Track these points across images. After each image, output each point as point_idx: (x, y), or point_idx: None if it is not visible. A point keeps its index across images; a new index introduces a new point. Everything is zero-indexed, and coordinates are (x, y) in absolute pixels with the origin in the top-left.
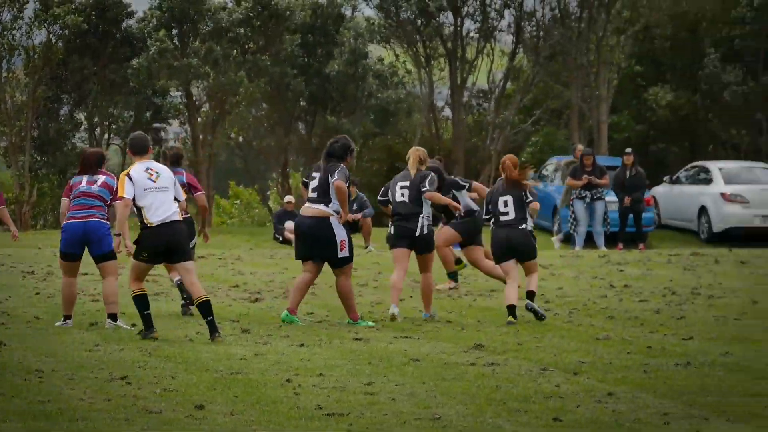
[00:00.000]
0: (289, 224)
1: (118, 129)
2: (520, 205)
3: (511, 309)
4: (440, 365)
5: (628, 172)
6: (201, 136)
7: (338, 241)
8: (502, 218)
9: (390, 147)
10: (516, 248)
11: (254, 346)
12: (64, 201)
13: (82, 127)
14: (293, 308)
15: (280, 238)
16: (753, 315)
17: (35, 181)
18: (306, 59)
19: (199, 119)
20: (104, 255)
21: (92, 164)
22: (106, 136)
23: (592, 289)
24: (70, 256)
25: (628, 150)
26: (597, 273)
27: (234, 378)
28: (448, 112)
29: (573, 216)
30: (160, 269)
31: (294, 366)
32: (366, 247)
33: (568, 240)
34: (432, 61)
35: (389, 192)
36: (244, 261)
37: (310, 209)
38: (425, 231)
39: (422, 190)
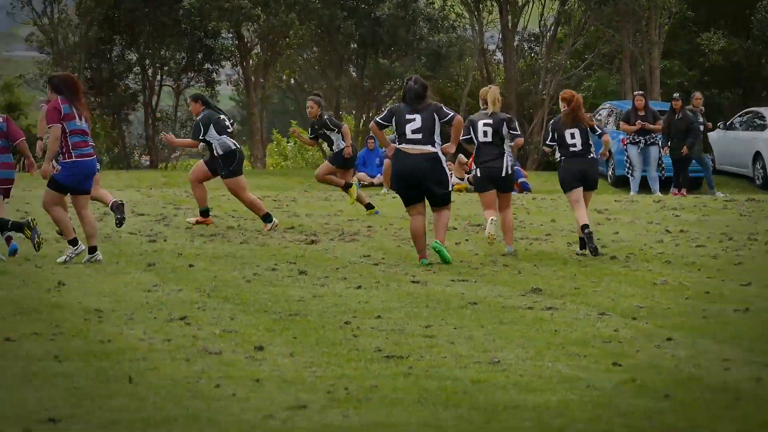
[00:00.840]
0: None
1: (169, 70)
2: (587, 136)
3: (586, 227)
4: (498, 309)
5: (675, 117)
6: (253, 78)
7: (448, 177)
8: (572, 149)
9: (442, 90)
10: (587, 178)
11: (312, 288)
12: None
13: (135, 69)
14: (425, 255)
15: None
16: None
17: (90, 122)
18: (356, 2)
19: (250, 61)
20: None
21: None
22: (158, 77)
23: (648, 234)
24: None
25: (676, 95)
26: (653, 218)
27: (293, 319)
28: (500, 55)
29: (628, 161)
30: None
31: (352, 308)
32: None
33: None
34: (481, 5)
35: (470, 131)
36: (299, 203)
37: (417, 149)
38: (509, 171)
39: (513, 134)
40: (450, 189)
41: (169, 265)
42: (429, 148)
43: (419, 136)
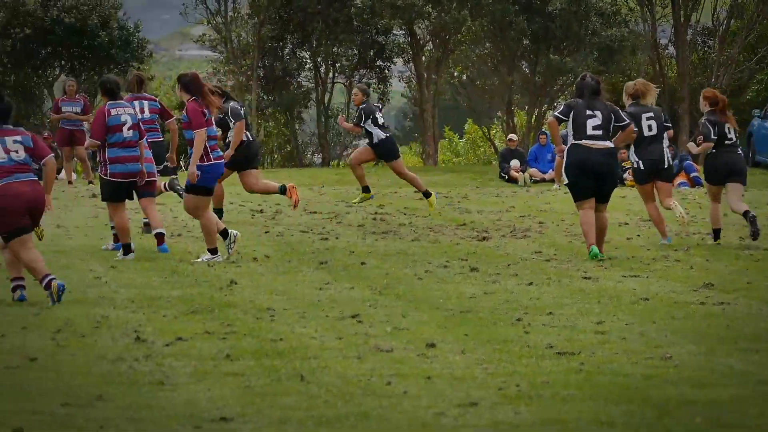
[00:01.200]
0: (515, 162)
1: (342, 68)
2: (736, 132)
3: (717, 233)
4: (670, 304)
5: None
6: (425, 75)
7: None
8: (727, 142)
9: (614, 85)
10: (737, 172)
11: (483, 284)
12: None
13: (307, 66)
14: (593, 243)
15: (506, 177)
16: None
17: (262, 120)
18: None
19: (422, 58)
20: None
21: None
22: (330, 74)
23: None
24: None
25: None
26: None
27: (464, 316)
28: (672, 50)
29: None
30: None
31: (524, 304)
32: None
33: None
34: None
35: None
36: (470, 199)
37: (599, 144)
38: (670, 162)
39: (666, 126)
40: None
41: (341, 263)
42: (608, 144)
43: (599, 132)
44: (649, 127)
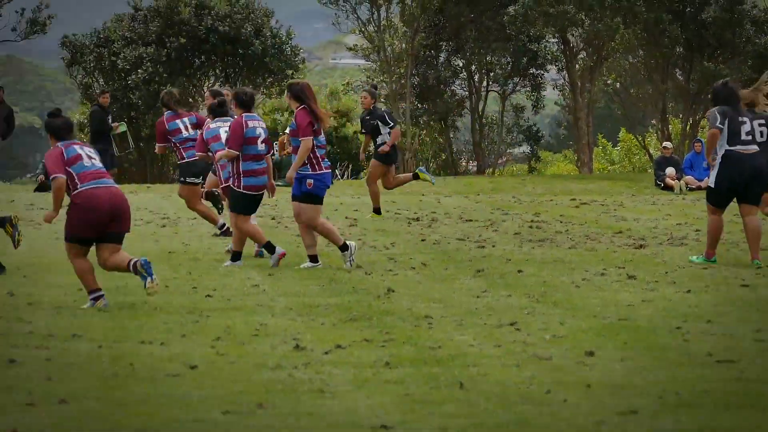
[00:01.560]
0: (670, 170)
1: (495, 76)
2: None
3: None
4: None
5: None
6: (579, 83)
7: None
8: None
9: None
10: None
11: (641, 292)
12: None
13: (461, 74)
14: (714, 254)
15: (662, 185)
16: None
17: (417, 128)
18: (681, 5)
19: (576, 66)
20: None
21: None
22: (484, 83)
23: None
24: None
25: None
26: None
27: (622, 324)
28: None
29: None
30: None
31: (682, 312)
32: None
33: None
34: None
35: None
36: (626, 207)
37: (751, 149)
38: None
39: None
40: None
41: (498, 270)
42: (757, 148)
43: (750, 138)
44: (761, 134)
